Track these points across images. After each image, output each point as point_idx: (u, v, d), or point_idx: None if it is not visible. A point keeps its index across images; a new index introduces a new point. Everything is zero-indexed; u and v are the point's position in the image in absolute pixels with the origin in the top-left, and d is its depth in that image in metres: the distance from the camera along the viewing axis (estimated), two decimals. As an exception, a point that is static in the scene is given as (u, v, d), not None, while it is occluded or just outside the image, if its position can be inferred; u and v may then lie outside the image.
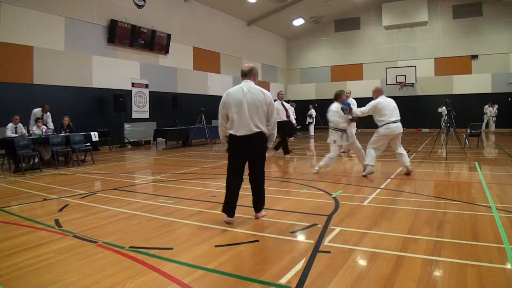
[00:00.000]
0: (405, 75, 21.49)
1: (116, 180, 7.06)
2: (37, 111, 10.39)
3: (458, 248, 3.15)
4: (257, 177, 4.11)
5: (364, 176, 6.69)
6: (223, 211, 4.04)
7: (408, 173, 6.81)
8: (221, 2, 18.44)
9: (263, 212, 4.23)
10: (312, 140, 16.46)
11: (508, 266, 2.77)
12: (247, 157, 4.04)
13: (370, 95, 6.99)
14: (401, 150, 6.86)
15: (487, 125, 19.21)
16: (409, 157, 9.45)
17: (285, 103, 10.10)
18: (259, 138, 3.96)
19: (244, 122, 3.87)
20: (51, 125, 10.46)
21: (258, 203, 4.18)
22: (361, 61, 23.54)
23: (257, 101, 3.90)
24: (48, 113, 10.48)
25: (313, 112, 19.77)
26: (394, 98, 7.21)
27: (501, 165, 8.22)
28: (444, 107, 18.49)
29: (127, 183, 6.78)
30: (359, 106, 7.82)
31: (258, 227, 3.86)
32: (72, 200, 5.32)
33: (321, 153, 10.40)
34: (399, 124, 6.74)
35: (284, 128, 9.52)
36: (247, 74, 4.08)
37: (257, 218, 4.16)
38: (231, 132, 3.95)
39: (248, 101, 3.88)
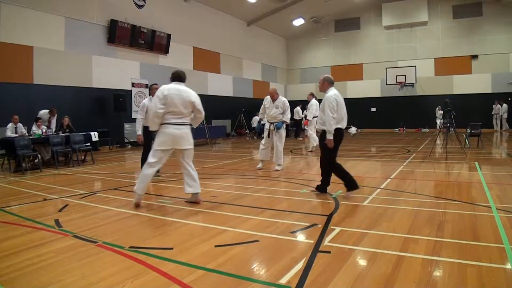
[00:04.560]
0: (405, 75, 21.49)
1: (116, 180, 7.06)
2: (43, 113, 10.42)
3: (458, 248, 3.15)
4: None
5: None
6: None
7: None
8: (221, 2, 18.44)
9: None
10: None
11: (508, 266, 2.77)
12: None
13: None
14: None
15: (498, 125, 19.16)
16: (409, 157, 9.48)
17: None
18: None
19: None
20: (53, 126, 10.51)
21: None
22: (361, 61, 23.53)
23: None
24: (55, 116, 10.67)
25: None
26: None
27: (501, 165, 8.22)
28: (440, 110, 18.51)
29: (127, 183, 6.78)
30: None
31: (258, 227, 3.85)
32: (72, 200, 5.32)
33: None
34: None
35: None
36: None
37: None
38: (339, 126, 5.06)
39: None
